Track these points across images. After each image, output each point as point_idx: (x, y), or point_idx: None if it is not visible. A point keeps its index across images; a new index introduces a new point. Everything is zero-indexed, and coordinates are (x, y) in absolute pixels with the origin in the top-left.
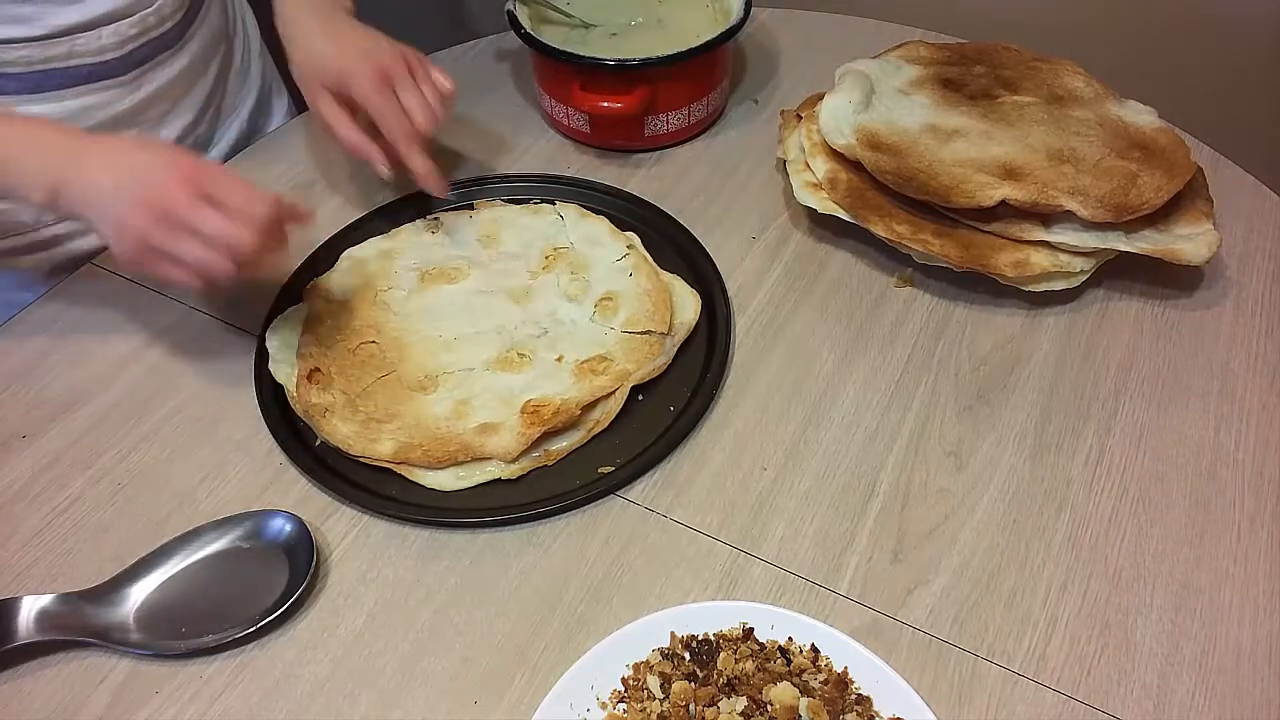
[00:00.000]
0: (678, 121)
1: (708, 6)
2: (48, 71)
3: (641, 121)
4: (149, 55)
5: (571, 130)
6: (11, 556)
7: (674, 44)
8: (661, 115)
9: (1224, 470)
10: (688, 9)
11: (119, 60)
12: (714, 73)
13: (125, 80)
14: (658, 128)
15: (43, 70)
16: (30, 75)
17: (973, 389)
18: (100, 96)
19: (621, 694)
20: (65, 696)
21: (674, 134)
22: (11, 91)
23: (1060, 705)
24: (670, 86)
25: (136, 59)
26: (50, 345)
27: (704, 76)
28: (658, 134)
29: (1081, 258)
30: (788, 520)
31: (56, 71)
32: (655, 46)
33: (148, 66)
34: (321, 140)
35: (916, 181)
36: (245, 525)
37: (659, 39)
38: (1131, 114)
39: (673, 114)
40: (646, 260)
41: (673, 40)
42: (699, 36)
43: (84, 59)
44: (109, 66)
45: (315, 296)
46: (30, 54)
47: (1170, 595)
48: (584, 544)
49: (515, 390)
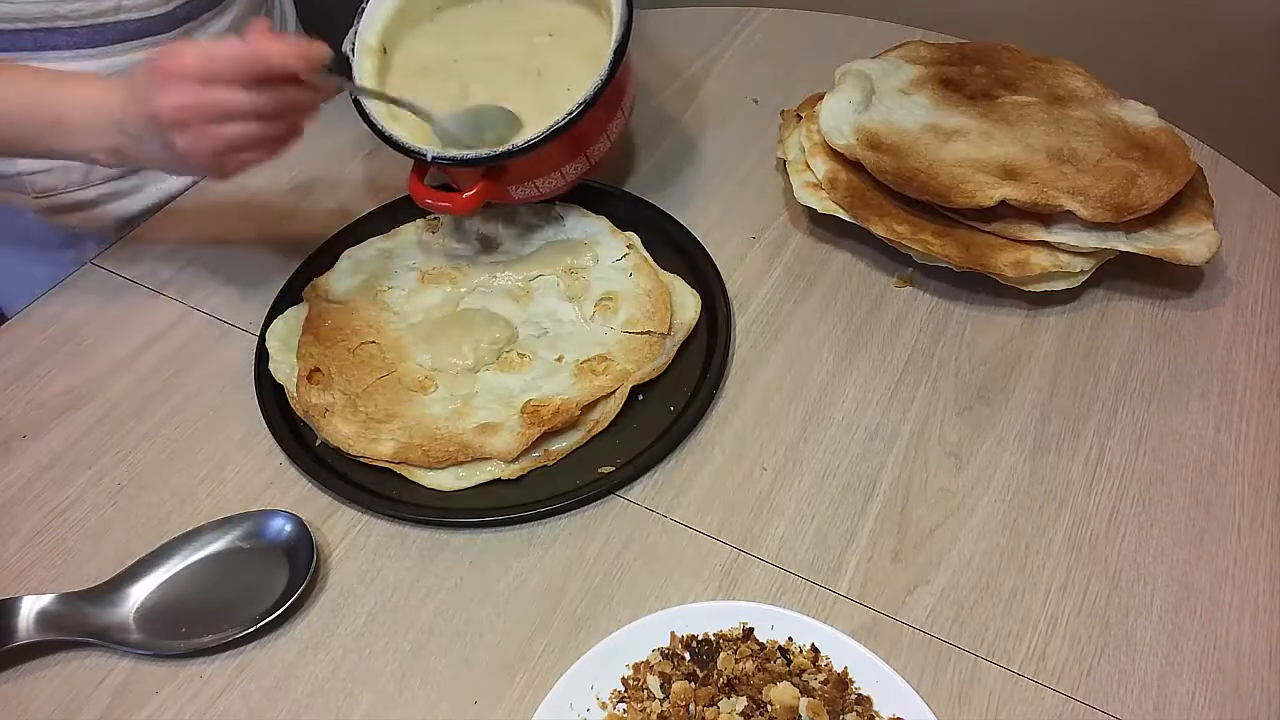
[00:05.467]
0: (554, 184)
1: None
2: (97, 26)
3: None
4: (193, 14)
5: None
6: (11, 556)
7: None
8: (528, 183)
9: (1224, 470)
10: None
11: (164, 17)
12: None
13: (171, 38)
14: (528, 192)
15: (92, 25)
16: (81, 30)
17: (973, 389)
18: (146, 54)
19: (621, 694)
20: (65, 696)
21: (552, 191)
22: (64, 46)
23: (1060, 705)
24: (524, 165)
25: (181, 16)
26: (50, 345)
27: (572, 145)
28: (529, 196)
29: (1081, 258)
30: (788, 520)
31: (106, 26)
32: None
33: (192, 25)
34: (322, 139)
35: (916, 181)
36: (245, 525)
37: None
38: (1131, 114)
39: (543, 179)
40: (646, 260)
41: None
42: (569, 90)
43: (131, 14)
44: (155, 23)
45: (315, 296)
46: (82, 7)
47: (1170, 595)
48: (584, 544)
49: (515, 390)
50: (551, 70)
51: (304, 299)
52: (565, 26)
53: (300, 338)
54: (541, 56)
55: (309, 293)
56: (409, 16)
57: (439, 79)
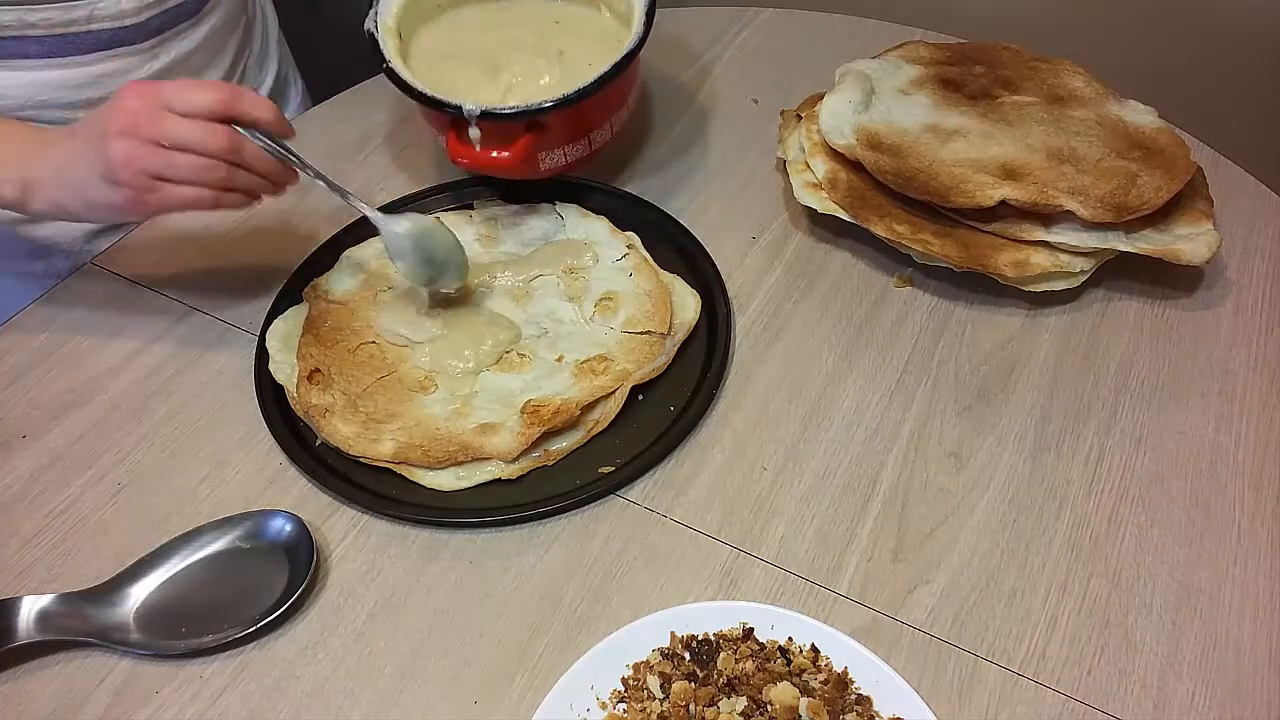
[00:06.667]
0: (578, 152)
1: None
2: (68, 36)
3: (534, 158)
4: (167, 24)
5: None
6: (11, 556)
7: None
8: (558, 150)
9: (1224, 470)
10: (588, 31)
11: (137, 27)
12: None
13: (143, 48)
14: (555, 161)
15: (64, 34)
16: (52, 39)
17: (973, 389)
18: (118, 64)
19: (621, 694)
20: (65, 696)
21: (573, 164)
22: (34, 55)
23: (1060, 705)
24: (563, 124)
25: (154, 27)
26: (50, 345)
27: (604, 105)
28: (555, 166)
29: (1081, 258)
30: (788, 520)
31: (77, 36)
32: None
33: (166, 36)
34: (323, 140)
35: (916, 181)
36: (245, 525)
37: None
38: (1131, 114)
39: (568, 147)
40: (646, 260)
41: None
42: (590, 65)
43: (103, 24)
44: (127, 33)
45: (315, 296)
46: (52, 16)
47: (1170, 595)
48: (584, 544)
49: (515, 390)
50: (572, 50)
51: (304, 299)
52: (569, 17)
53: (300, 338)
54: (558, 39)
55: (309, 293)
56: (415, 11)
57: (464, 63)
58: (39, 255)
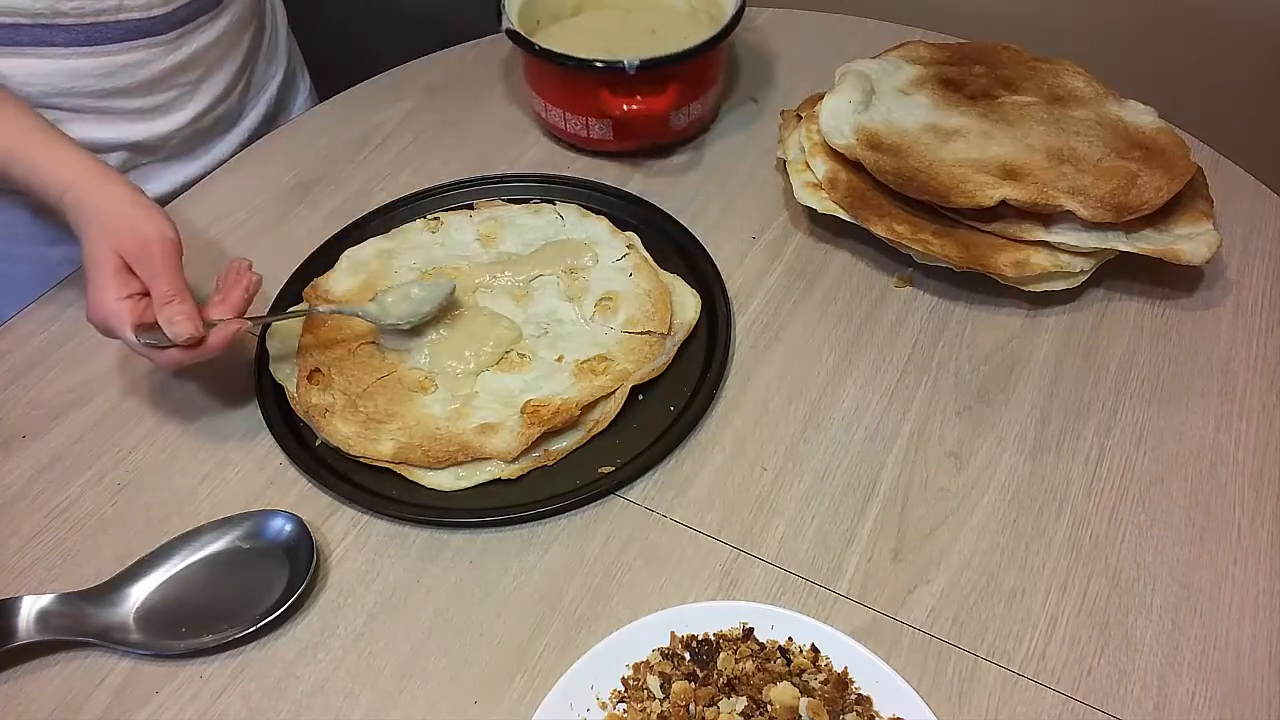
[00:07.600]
0: (698, 110)
1: (691, 12)
2: (97, 25)
3: (667, 117)
4: (190, 16)
5: (592, 140)
6: (11, 556)
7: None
8: (684, 109)
9: (1224, 470)
10: (675, 21)
11: (164, 18)
12: (714, 66)
13: (168, 39)
14: (680, 121)
15: (93, 23)
16: (81, 28)
17: (973, 389)
18: (143, 54)
19: (621, 694)
20: (65, 696)
21: (693, 124)
22: (62, 43)
23: (1060, 705)
24: (693, 78)
25: (179, 18)
26: (50, 345)
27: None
28: (680, 126)
29: (1081, 258)
30: (788, 520)
31: (106, 25)
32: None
33: (188, 28)
34: (323, 140)
35: (916, 181)
36: (245, 525)
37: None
38: (1131, 114)
39: (694, 105)
40: (646, 260)
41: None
42: (685, 39)
43: (132, 14)
44: (154, 23)
45: (315, 297)
46: (83, 4)
47: (1170, 595)
48: (584, 544)
49: (515, 390)
50: (664, 30)
51: (304, 299)
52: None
53: (300, 338)
54: (647, 23)
55: (309, 293)
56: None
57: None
58: (57, 241)
